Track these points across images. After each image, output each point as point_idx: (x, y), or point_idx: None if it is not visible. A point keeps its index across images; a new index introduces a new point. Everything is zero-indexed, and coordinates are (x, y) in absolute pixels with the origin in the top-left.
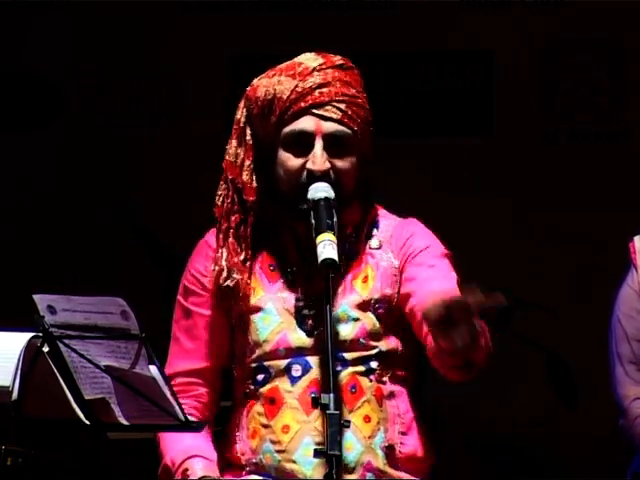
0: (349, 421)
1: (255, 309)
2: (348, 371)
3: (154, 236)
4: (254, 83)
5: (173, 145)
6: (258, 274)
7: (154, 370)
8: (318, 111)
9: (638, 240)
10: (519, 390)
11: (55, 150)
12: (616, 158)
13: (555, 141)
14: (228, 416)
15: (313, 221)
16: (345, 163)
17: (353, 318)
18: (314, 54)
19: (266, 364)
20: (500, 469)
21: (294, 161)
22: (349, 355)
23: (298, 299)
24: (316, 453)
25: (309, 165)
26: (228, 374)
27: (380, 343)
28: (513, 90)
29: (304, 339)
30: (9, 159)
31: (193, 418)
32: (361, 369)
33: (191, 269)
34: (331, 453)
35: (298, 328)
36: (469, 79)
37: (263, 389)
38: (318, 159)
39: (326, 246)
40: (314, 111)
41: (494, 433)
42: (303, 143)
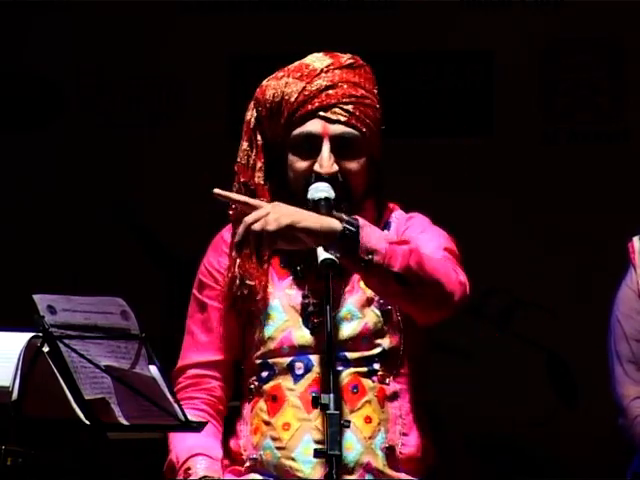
0: (349, 421)
1: (263, 305)
2: (350, 371)
3: (154, 236)
4: (263, 84)
5: (173, 145)
6: (269, 270)
7: (154, 370)
8: (325, 113)
9: (637, 240)
10: (519, 390)
11: (55, 150)
12: (616, 158)
13: (555, 141)
14: (234, 415)
15: None
16: (353, 164)
17: (357, 317)
18: (322, 54)
19: (270, 361)
20: (500, 469)
21: (302, 163)
22: (351, 355)
23: (305, 297)
24: (316, 453)
25: (316, 168)
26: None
27: (383, 341)
28: (513, 90)
29: (307, 337)
30: (9, 159)
31: (203, 413)
32: (363, 370)
33: (206, 263)
34: (331, 453)
35: (303, 326)
36: (469, 79)
37: (266, 386)
38: (325, 162)
39: None
40: (321, 113)
41: (494, 433)
42: (310, 145)
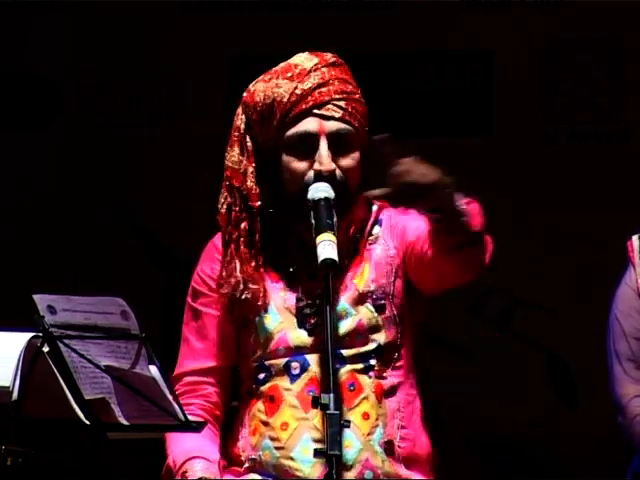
0: (349, 421)
1: (258, 309)
2: (346, 369)
3: (154, 236)
4: (250, 89)
5: (173, 145)
6: (262, 274)
7: (154, 370)
8: (319, 111)
9: (636, 239)
10: (519, 390)
11: (55, 150)
12: (616, 158)
13: (555, 141)
14: (232, 417)
15: (313, 221)
16: (349, 161)
17: (351, 314)
18: (307, 54)
19: (267, 363)
20: (500, 469)
21: (299, 163)
22: (347, 352)
23: (299, 298)
24: (316, 453)
25: (316, 166)
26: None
27: (379, 336)
28: (513, 90)
29: (303, 338)
30: (9, 159)
31: (199, 418)
32: (360, 366)
33: (199, 271)
34: (331, 453)
35: (298, 327)
36: (469, 79)
37: (264, 387)
38: (325, 159)
39: (326, 246)
40: (315, 111)
41: (494, 433)
42: (307, 144)
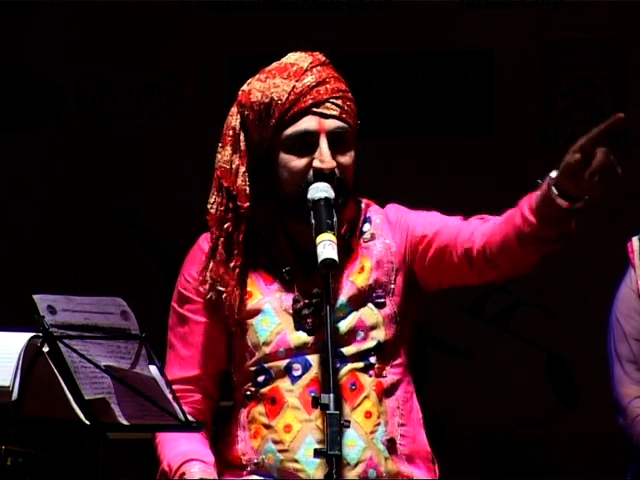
0: (349, 421)
1: (253, 312)
2: (347, 368)
3: (154, 236)
4: (245, 89)
5: (173, 145)
6: (254, 277)
7: (154, 370)
8: (318, 109)
9: (636, 240)
10: (519, 390)
11: (55, 150)
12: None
13: (555, 141)
14: (227, 416)
15: (313, 221)
16: (347, 158)
17: (351, 311)
18: (301, 53)
19: (266, 366)
20: (500, 469)
21: (298, 162)
22: (347, 350)
23: (296, 299)
24: (316, 453)
25: (317, 164)
26: (227, 375)
27: (379, 333)
28: (513, 90)
29: (304, 338)
30: (9, 159)
31: None
32: (360, 365)
33: (185, 275)
34: (331, 453)
35: (297, 328)
36: (469, 79)
37: (264, 390)
38: (326, 157)
39: (326, 246)
40: (315, 110)
41: (494, 433)
42: (306, 143)
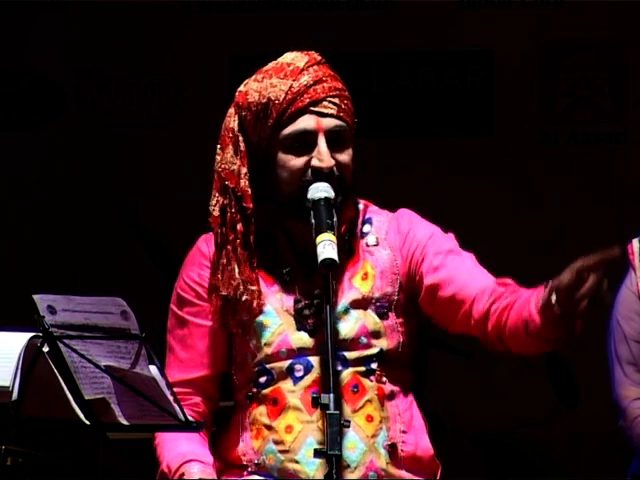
0: (349, 421)
1: (254, 312)
2: (349, 371)
3: (154, 236)
4: (242, 89)
5: (173, 145)
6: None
7: (154, 370)
8: (316, 108)
9: (636, 242)
10: (519, 390)
11: (55, 150)
12: (616, 158)
13: (555, 141)
14: (227, 416)
15: (313, 221)
16: (345, 156)
17: (353, 316)
18: (297, 53)
19: (268, 366)
20: (500, 469)
21: (296, 161)
22: (350, 355)
23: (297, 299)
24: (316, 453)
25: (315, 163)
26: (227, 377)
27: (381, 342)
28: (513, 90)
29: (305, 339)
30: (9, 159)
31: None
32: (362, 369)
33: (185, 277)
34: (331, 453)
35: (298, 328)
36: (469, 79)
37: (266, 391)
38: (325, 156)
39: (326, 246)
40: (312, 109)
41: (494, 433)
42: (305, 142)
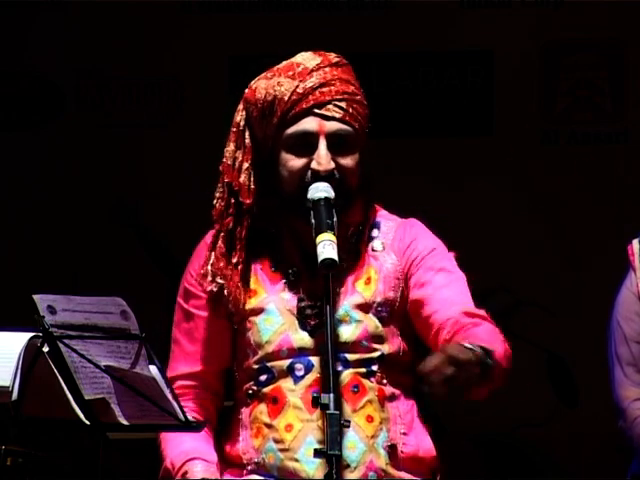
0: (349, 421)
1: (257, 311)
2: (350, 371)
3: (154, 236)
4: (252, 85)
5: (173, 145)
6: (260, 275)
7: (154, 370)
8: (320, 111)
9: (637, 243)
10: (519, 390)
11: (55, 150)
12: (616, 158)
13: (555, 141)
14: (229, 415)
15: (313, 221)
16: (348, 161)
17: (355, 319)
18: (311, 53)
19: (269, 365)
20: (500, 469)
21: (297, 162)
22: (351, 356)
23: (300, 299)
24: (316, 453)
25: (314, 165)
26: (229, 374)
27: (382, 346)
28: (513, 90)
29: (306, 339)
30: (9, 159)
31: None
32: (362, 370)
33: (191, 271)
34: (331, 453)
35: (300, 328)
36: (469, 79)
37: (266, 389)
38: (323, 159)
39: (326, 246)
40: (316, 111)
41: (494, 433)
42: (306, 143)
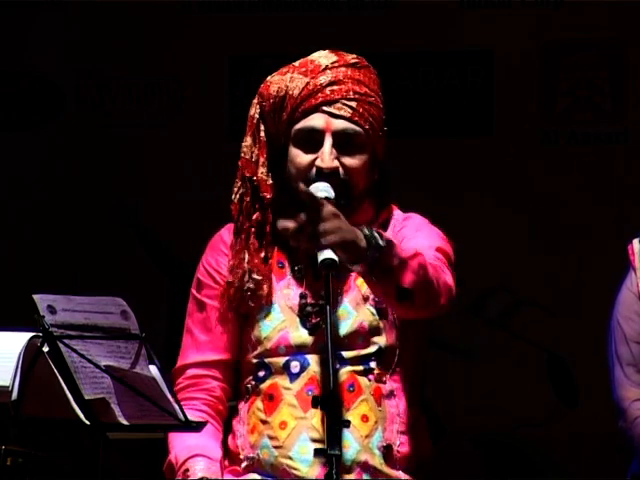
0: (349, 421)
1: (260, 305)
2: (346, 369)
3: (154, 236)
4: (267, 80)
5: (173, 145)
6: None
7: (154, 370)
8: (328, 108)
9: (636, 243)
10: (519, 390)
11: (55, 150)
12: (616, 158)
13: (555, 141)
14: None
15: None
16: (355, 161)
17: (352, 313)
18: (328, 52)
19: (267, 361)
20: (500, 469)
21: (303, 158)
22: (348, 354)
23: (303, 297)
24: (316, 452)
25: (318, 162)
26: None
27: (380, 339)
28: (513, 90)
29: (305, 337)
30: (9, 159)
31: (203, 414)
32: (360, 368)
33: (204, 263)
34: (331, 453)
35: (300, 326)
36: (469, 79)
37: (263, 385)
38: (326, 157)
39: None
40: (324, 108)
41: (494, 433)
42: (313, 140)
